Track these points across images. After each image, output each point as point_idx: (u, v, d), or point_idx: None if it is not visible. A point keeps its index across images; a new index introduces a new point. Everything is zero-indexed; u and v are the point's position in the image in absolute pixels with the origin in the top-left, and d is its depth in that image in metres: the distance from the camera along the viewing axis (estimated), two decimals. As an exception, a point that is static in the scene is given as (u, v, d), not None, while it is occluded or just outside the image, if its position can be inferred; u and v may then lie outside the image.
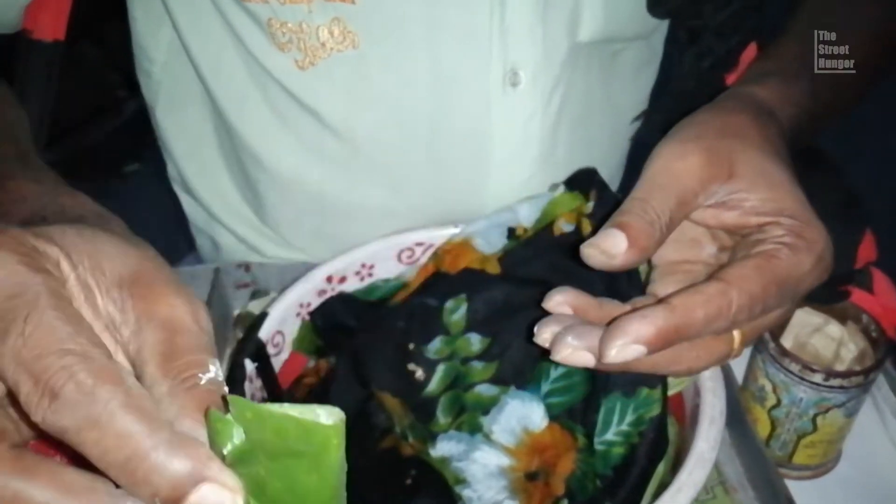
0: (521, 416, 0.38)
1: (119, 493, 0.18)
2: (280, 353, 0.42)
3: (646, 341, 0.26)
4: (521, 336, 0.40)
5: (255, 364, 0.40)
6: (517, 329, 0.40)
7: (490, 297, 0.41)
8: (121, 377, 0.18)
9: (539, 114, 0.46)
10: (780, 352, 0.40)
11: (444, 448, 0.38)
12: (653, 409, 0.34)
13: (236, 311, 0.53)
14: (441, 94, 0.45)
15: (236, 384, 0.38)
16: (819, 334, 0.44)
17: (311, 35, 0.42)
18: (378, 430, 0.39)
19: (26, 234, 0.20)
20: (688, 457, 0.32)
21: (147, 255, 0.22)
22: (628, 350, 0.26)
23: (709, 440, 0.32)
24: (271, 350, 0.41)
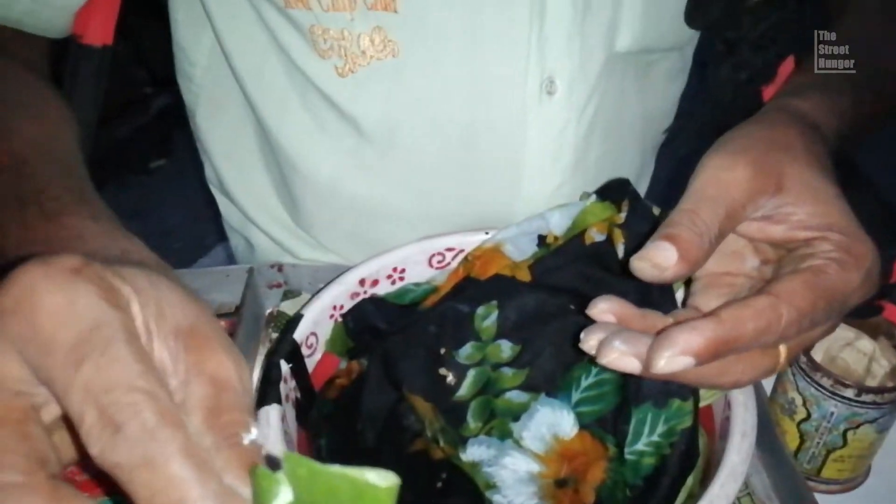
0: (551, 423, 0.38)
1: None
2: (313, 353, 0.43)
3: (695, 353, 0.26)
4: (551, 344, 0.40)
5: (290, 365, 0.40)
6: (548, 337, 0.40)
7: (521, 304, 0.41)
8: (182, 422, 0.18)
9: (573, 122, 0.47)
10: (812, 366, 0.40)
11: (474, 453, 0.39)
12: (684, 421, 0.35)
13: (268, 311, 0.54)
14: (478, 101, 0.45)
15: (272, 384, 0.39)
16: (850, 349, 0.44)
17: (353, 43, 0.43)
18: (409, 432, 0.40)
19: (106, 270, 0.20)
20: (719, 469, 0.32)
21: (204, 310, 0.22)
22: (677, 361, 0.26)
23: (741, 453, 0.33)
24: (305, 351, 0.42)
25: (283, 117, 0.48)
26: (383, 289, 0.45)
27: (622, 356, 0.27)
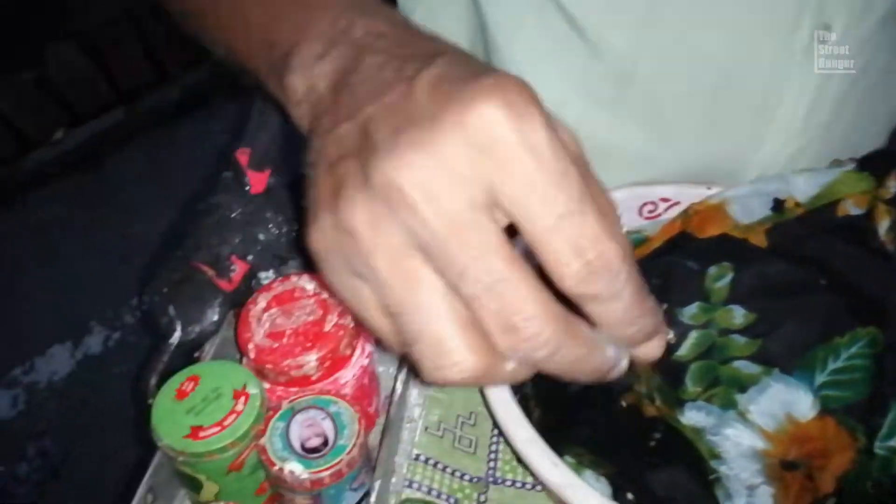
0: (786, 401, 0.36)
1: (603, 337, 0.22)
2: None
3: None
4: (794, 319, 0.37)
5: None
6: (790, 310, 0.37)
7: (761, 270, 0.38)
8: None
9: (837, 77, 0.42)
10: None
11: (693, 417, 0.36)
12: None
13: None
14: (738, 44, 0.41)
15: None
16: None
17: None
18: (620, 385, 0.38)
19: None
20: None
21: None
22: None
23: None
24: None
25: (514, 34, 0.45)
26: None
27: None
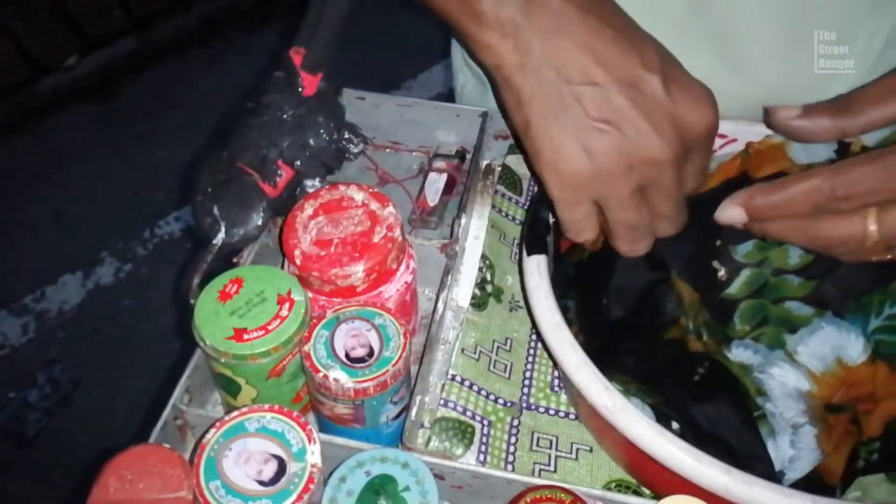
0: (836, 344, 0.35)
1: None
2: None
3: (742, 204, 0.32)
4: (851, 262, 0.36)
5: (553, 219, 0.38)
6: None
7: (821, 212, 0.37)
8: None
9: None
10: None
11: (741, 355, 0.36)
12: None
13: (485, 162, 0.51)
14: None
15: (538, 234, 0.37)
16: None
17: None
18: (667, 317, 0.37)
19: None
20: None
21: None
22: (729, 212, 0.32)
23: None
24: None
25: None
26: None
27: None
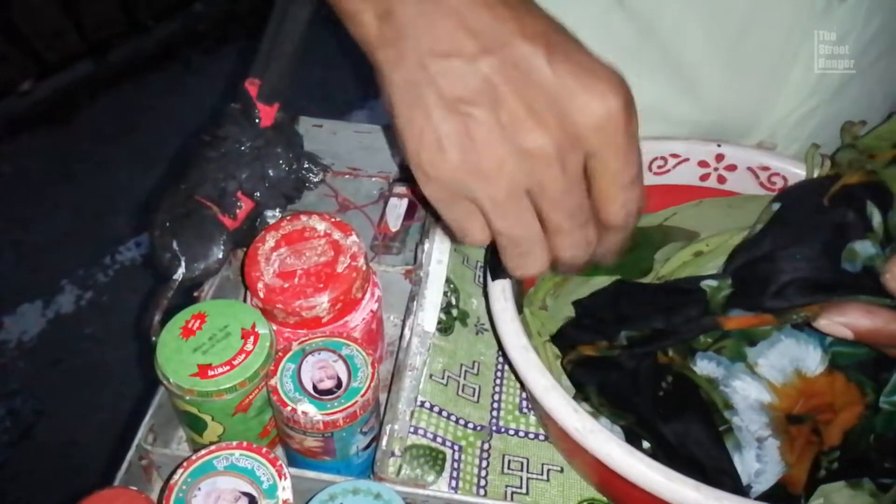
0: (795, 356, 0.36)
1: None
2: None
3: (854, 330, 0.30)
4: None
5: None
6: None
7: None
8: None
9: (856, 32, 0.42)
10: None
11: (705, 367, 0.37)
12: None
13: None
14: None
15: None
16: None
17: None
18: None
19: None
20: None
21: None
22: (836, 329, 0.31)
23: None
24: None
25: None
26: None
27: None
